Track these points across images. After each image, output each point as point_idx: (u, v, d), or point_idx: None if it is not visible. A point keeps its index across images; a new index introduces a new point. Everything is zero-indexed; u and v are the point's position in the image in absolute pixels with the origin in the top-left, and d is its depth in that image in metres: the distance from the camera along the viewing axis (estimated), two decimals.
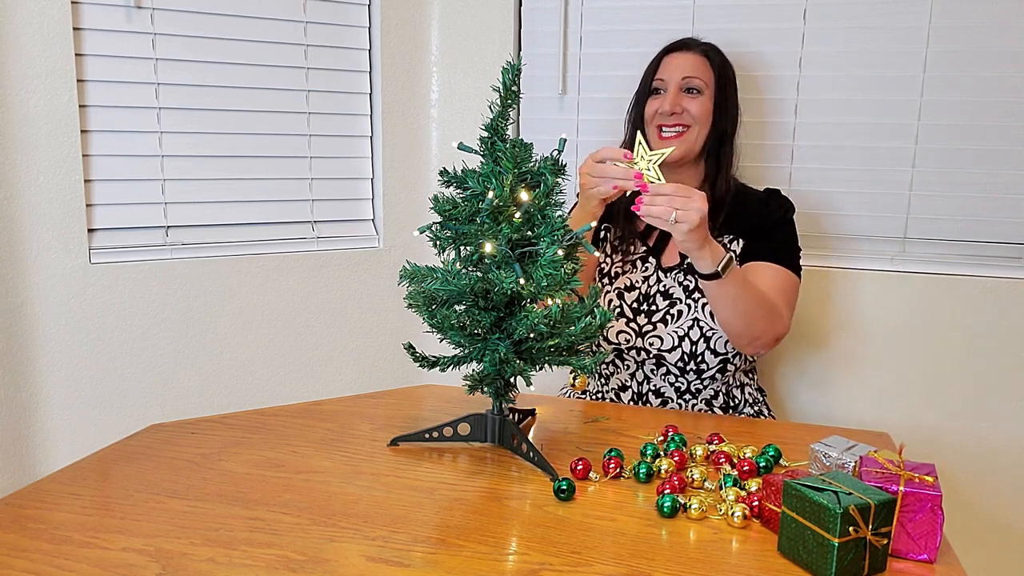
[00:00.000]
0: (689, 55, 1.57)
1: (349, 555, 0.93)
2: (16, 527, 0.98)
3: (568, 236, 1.12)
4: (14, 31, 1.52)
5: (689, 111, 1.54)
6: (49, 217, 1.60)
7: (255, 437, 1.28)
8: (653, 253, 1.59)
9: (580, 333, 1.13)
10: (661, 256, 1.58)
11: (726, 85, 1.58)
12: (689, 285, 1.54)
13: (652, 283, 1.56)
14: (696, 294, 1.53)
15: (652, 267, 1.58)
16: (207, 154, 1.77)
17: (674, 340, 1.52)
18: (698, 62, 1.56)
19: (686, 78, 1.54)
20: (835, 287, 1.82)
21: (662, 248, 1.59)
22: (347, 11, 1.88)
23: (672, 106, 1.53)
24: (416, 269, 1.14)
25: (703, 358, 1.51)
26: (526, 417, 1.35)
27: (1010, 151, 1.70)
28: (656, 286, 1.56)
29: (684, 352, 1.51)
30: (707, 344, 1.51)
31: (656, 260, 1.58)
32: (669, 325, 1.52)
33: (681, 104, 1.54)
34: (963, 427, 1.78)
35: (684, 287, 1.54)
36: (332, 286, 1.92)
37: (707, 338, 1.51)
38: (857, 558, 0.87)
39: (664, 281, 1.56)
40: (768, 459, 1.16)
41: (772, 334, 1.45)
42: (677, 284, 1.55)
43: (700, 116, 1.54)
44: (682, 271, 1.55)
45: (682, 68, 1.55)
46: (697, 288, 1.53)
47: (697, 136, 1.55)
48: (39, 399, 1.63)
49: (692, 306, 1.52)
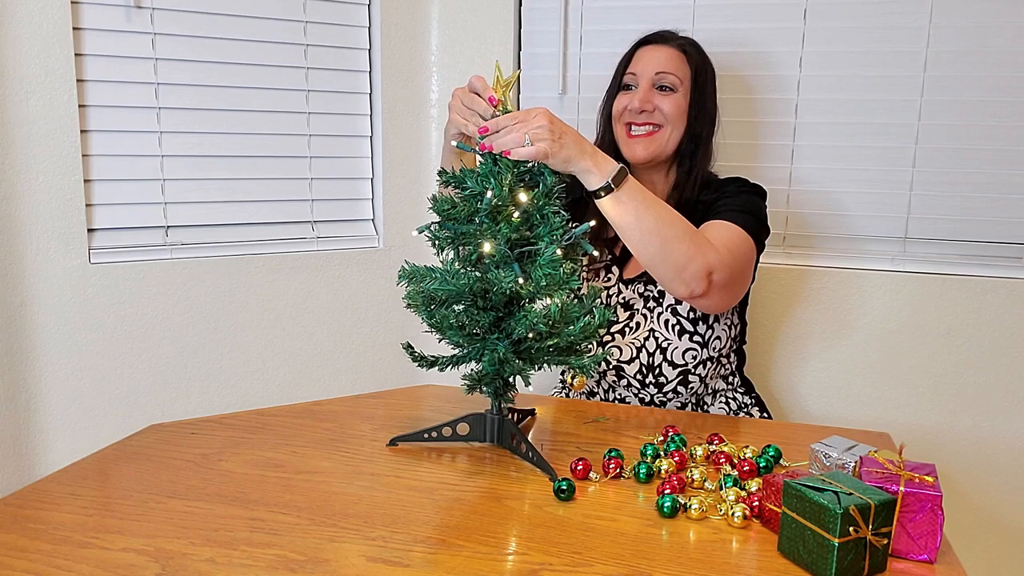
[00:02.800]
0: (664, 48, 1.46)
1: (349, 555, 0.93)
2: (16, 527, 0.98)
3: (567, 236, 1.12)
4: (14, 31, 1.52)
5: (661, 109, 1.44)
6: (49, 217, 1.60)
7: (255, 437, 1.28)
8: (617, 263, 1.53)
9: (579, 333, 1.13)
10: (624, 267, 1.52)
11: (704, 83, 1.47)
12: (649, 295, 1.47)
13: (612, 294, 1.51)
14: (652, 303, 1.46)
15: (614, 278, 1.52)
16: (207, 154, 1.77)
17: (632, 351, 1.47)
18: (673, 56, 1.46)
19: (659, 73, 1.44)
20: (835, 287, 1.81)
21: (626, 259, 1.52)
22: (347, 11, 1.88)
23: (642, 103, 1.43)
24: (415, 269, 1.14)
25: (660, 370, 1.46)
26: (525, 417, 1.35)
27: (1010, 151, 1.70)
28: (616, 297, 1.50)
29: (642, 364, 1.46)
30: (663, 355, 1.45)
31: (619, 271, 1.52)
32: (627, 335, 1.47)
33: (652, 101, 1.43)
34: (963, 427, 1.78)
35: (644, 297, 1.48)
36: (332, 286, 1.92)
37: (663, 349, 1.45)
38: (857, 558, 0.87)
39: (624, 293, 1.50)
40: (768, 459, 1.16)
41: (701, 262, 1.25)
42: (637, 296, 1.49)
43: (673, 115, 1.44)
44: (642, 282, 1.49)
45: (656, 62, 1.45)
46: (654, 298, 1.46)
47: (669, 137, 1.45)
48: (39, 399, 1.63)
49: (648, 316, 1.46)
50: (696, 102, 1.46)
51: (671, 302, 1.46)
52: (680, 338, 1.45)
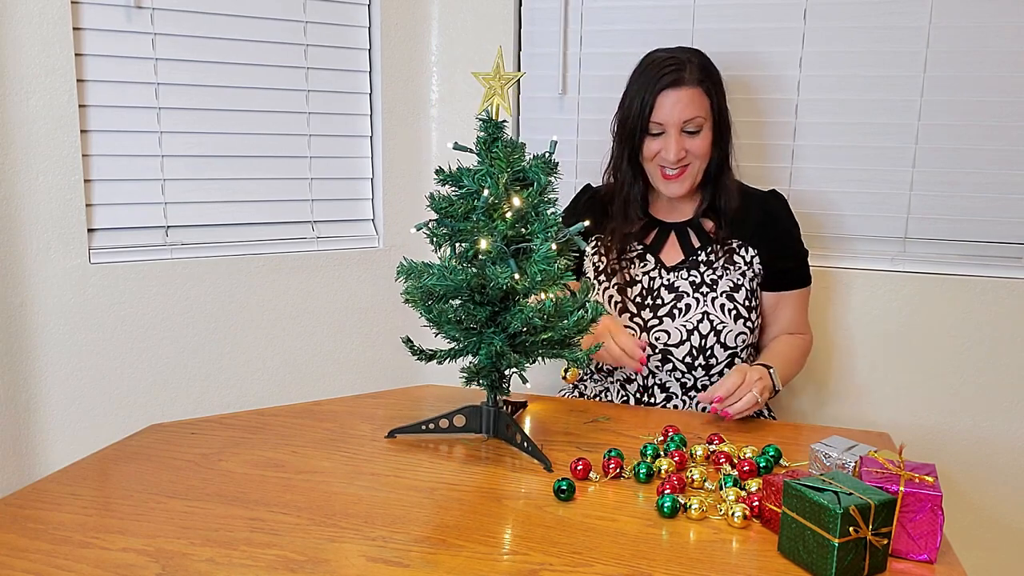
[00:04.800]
0: (684, 92, 1.49)
1: (349, 555, 0.93)
2: (16, 527, 0.98)
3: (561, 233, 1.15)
4: (14, 31, 1.52)
5: (690, 151, 1.51)
6: (49, 217, 1.60)
7: (255, 437, 1.28)
8: (650, 251, 1.59)
9: (573, 326, 1.17)
10: (659, 253, 1.59)
11: (720, 104, 1.54)
12: (696, 280, 1.55)
13: (654, 276, 1.57)
14: (704, 288, 1.54)
15: (652, 263, 1.58)
16: (207, 154, 1.77)
17: (682, 334, 1.52)
18: (694, 98, 1.49)
19: (686, 122, 1.49)
20: (835, 287, 1.81)
21: (659, 246, 1.59)
22: (347, 11, 1.88)
23: (678, 154, 1.49)
24: (413, 265, 1.17)
25: (712, 352, 1.52)
26: (518, 409, 1.39)
27: (1010, 151, 1.70)
28: (659, 279, 1.56)
29: (693, 346, 1.52)
30: (717, 338, 1.51)
31: (654, 257, 1.58)
32: (676, 319, 1.53)
33: (684, 148, 1.50)
34: (963, 427, 1.78)
35: (691, 283, 1.55)
36: (332, 286, 1.92)
37: (717, 332, 1.51)
38: (857, 558, 0.87)
39: (668, 277, 1.56)
40: (768, 459, 1.16)
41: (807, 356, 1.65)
42: (683, 280, 1.55)
43: (701, 153, 1.52)
44: (686, 268, 1.56)
45: (679, 111, 1.49)
46: (707, 284, 1.54)
47: (698, 170, 1.54)
48: (39, 399, 1.63)
49: (701, 300, 1.53)
50: (717, 128, 1.54)
51: (726, 288, 1.54)
52: (736, 322, 1.53)
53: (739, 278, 1.55)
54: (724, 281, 1.54)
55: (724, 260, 1.55)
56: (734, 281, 1.54)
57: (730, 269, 1.55)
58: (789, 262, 1.60)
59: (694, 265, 1.56)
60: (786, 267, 1.59)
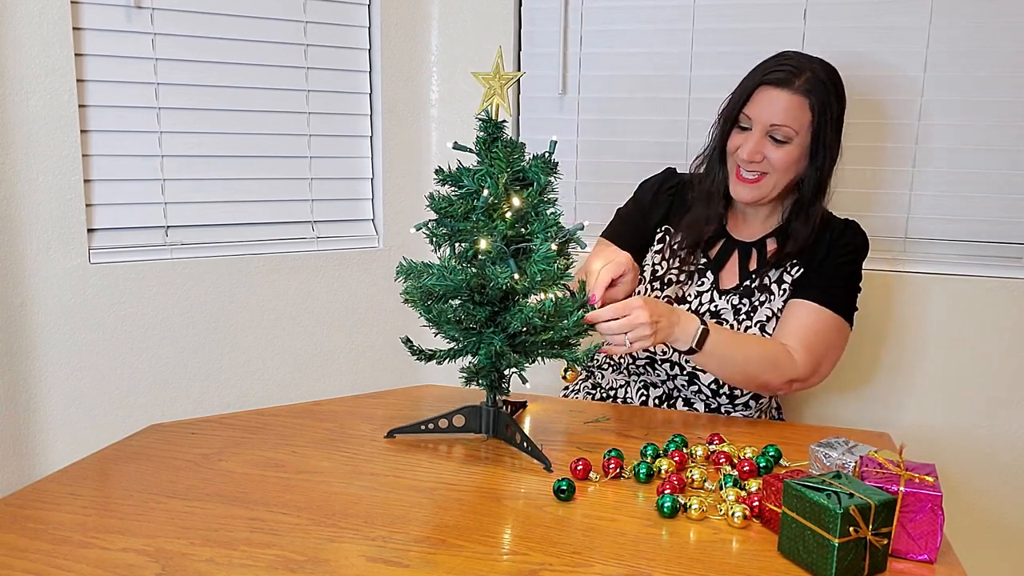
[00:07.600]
0: (785, 95, 1.39)
1: (349, 555, 0.93)
2: (16, 527, 0.98)
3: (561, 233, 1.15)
4: (14, 31, 1.52)
5: (769, 159, 1.41)
6: (49, 217, 1.60)
7: (255, 437, 1.28)
8: (712, 267, 1.51)
9: (572, 327, 1.17)
10: (720, 272, 1.51)
11: (824, 125, 1.41)
12: (742, 308, 1.47)
13: (704, 301, 1.49)
14: (742, 316, 1.46)
15: (708, 283, 1.50)
16: (207, 154, 1.77)
17: None
18: (793, 105, 1.39)
19: (774, 126, 1.39)
20: None
21: (722, 263, 1.52)
22: (347, 11, 1.88)
23: (751, 155, 1.41)
24: (412, 265, 1.17)
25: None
26: (518, 409, 1.39)
27: (1010, 151, 1.70)
28: (708, 305, 1.49)
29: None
30: None
31: (714, 276, 1.50)
32: None
33: (762, 152, 1.41)
34: (963, 427, 1.78)
35: (735, 309, 1.47)
36: (332, 286, 1.92)
37: None
38: (857, 558, 0.87)
39: (717, 302, 1.49)
40: (768, 459, 1.16)
41: (782, 381, 1.39)
42: (730, 307, 1.48)
43: (780, 167, 1.41)
44: (738, 294, 1.48)
45: (772, 112, 1.39)
46: (745, 312, 1.46)
47: (774, 186, 1.44)
48: (39, 399, 1.63)
49: (736, 328, 1.46)
50: (812, 148, 1.43)
51: (762, 318, 1.46)
52: None
53: (780, 305, 1.46)
54: (763, 309, 1.46)
55: (773, 283, 1.47)
56: (773, 310, 1.46)
57: (773, 296, 1.46)
58: (819, 279, 1.45)
59: (747, 292, 1.47)
60: (812, 282, 1.45)
